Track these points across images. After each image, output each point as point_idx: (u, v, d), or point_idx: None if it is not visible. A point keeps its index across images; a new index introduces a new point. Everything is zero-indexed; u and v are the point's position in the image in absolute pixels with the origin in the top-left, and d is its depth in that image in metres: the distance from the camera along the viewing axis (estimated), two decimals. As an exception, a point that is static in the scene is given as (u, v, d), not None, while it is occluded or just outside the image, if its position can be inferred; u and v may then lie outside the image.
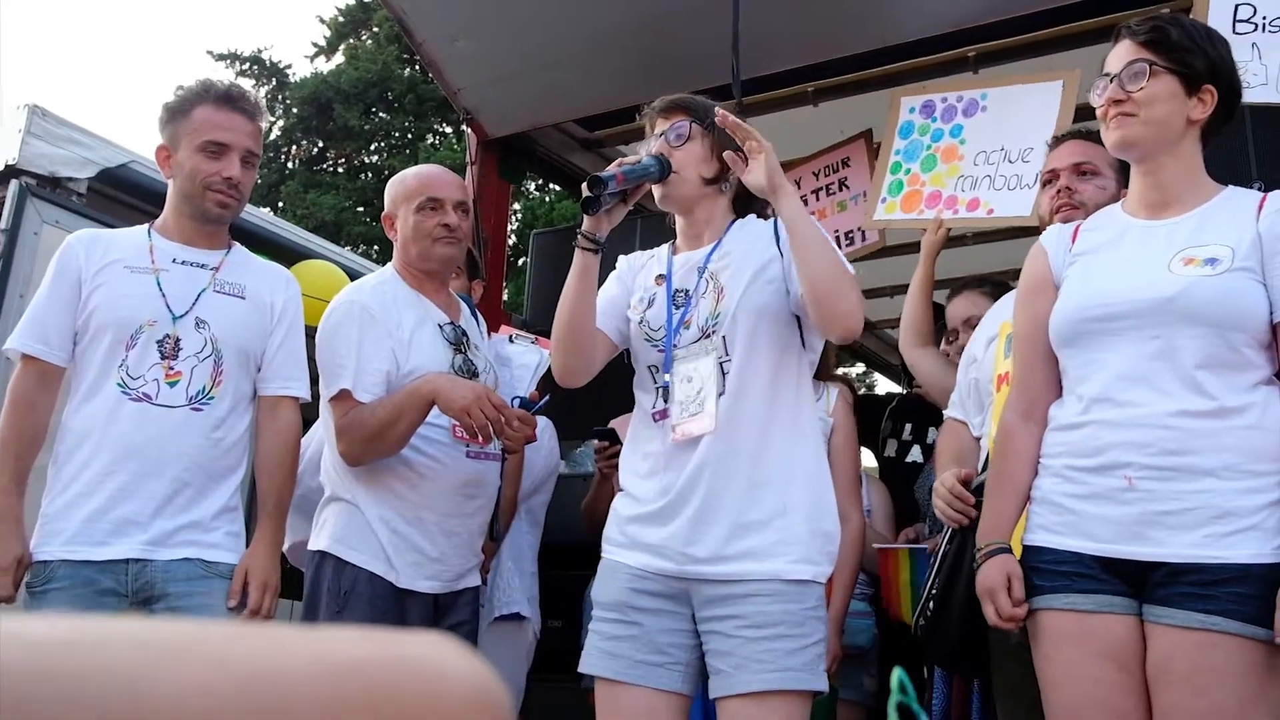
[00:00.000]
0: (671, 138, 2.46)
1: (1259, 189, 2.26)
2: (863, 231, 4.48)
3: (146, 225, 2.81)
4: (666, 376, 2.41)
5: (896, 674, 0.88)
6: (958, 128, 3.85)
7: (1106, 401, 2.08)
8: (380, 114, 21.04)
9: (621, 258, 2.68)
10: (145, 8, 43.55)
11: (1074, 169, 2.74)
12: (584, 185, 2.35)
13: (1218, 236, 2.07)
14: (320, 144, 21.26)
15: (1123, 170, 2.46)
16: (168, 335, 2.65)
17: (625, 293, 2.57)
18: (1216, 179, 2.21)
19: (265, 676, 0.33)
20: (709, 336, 2.39)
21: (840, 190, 4.61)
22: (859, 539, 3.29)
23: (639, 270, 2.61)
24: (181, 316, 2.67)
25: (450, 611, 2.88)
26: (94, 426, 2.61)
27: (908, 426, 4.29)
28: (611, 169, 2.37)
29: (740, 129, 2.27)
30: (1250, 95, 2.77)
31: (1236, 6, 2.81)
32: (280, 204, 18.85)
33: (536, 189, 20.70)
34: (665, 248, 2.60)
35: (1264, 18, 2.76)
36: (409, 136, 21.14)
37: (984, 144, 3.74)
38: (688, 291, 2.46)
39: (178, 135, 2.72)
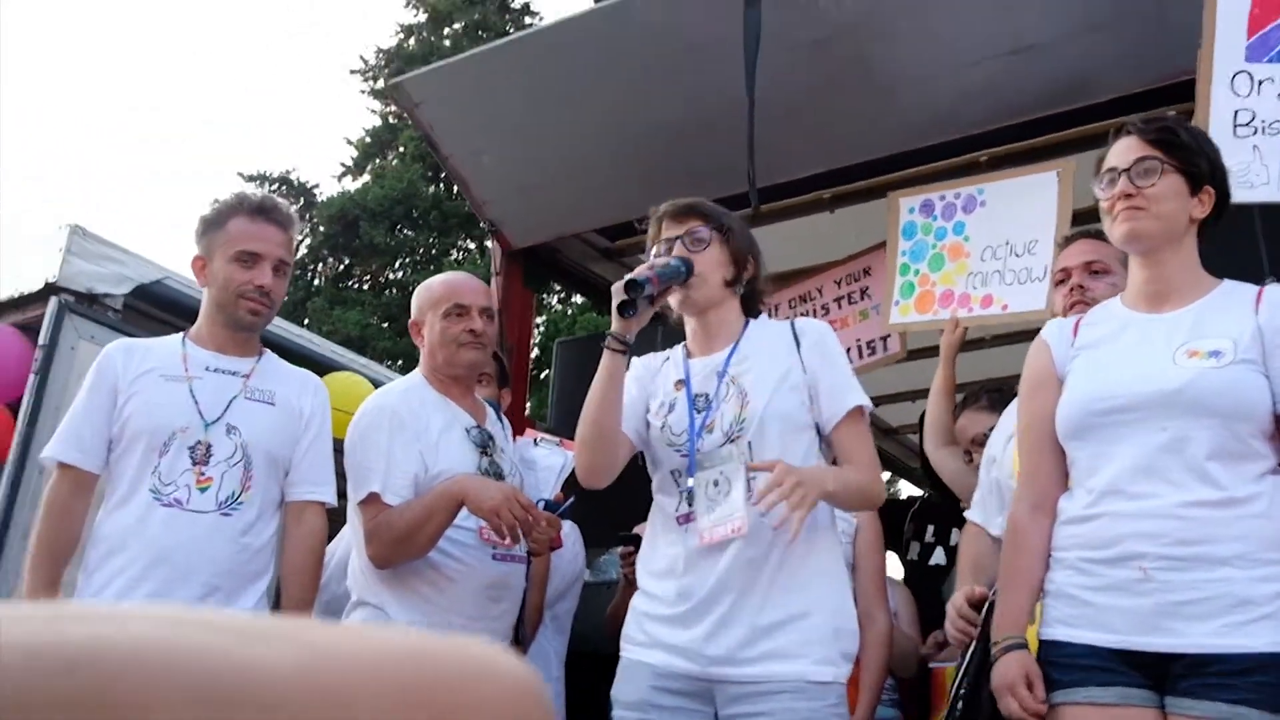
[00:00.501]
0: (690, 242, 2.51)
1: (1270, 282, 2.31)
2: (885, 340, 4.52)
3: (181, 334, 2.89)
4: (690, 481, 2.44)
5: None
6: (960, 224, 3.91)
7: (1118, 493, 2.10)
8: (405, 230, 21.46)
9: (636, 360, 2.70)
10: (180, 131, 44.75)
11: (1085, 267, 2.82)
12: (617, 289, 2.38)
13: (1219, 329, 2.12)
14: (346, 261, 21.66)
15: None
16: (199, 441, 2.70)
17: (644, 395, 2.61)
18: (1231, 278, 2.26)
19: (342, 652, 0.38)
20: (734, 441, 2.42)
21: (862, 299, 4.66)
22: (886, 640, 3.27)
23: (656, 373, 2.64)
24: (213, 423, 2.73)
25: (476, 715, 2.86)
26: (126, 533, 2.66)
27: (930, 529, 4.28)
28: (644, 271, 2.40)
29: (766, 490, 2.26)
30: (1254, 195, 2.84)
31: (1236, 111, 2.89)
32: (306, 320, 19.11)
33: (559, 302, 20.94)
34: (679, 350, 2.64)
35: (1262, 121, 2.84)
36: (433, 252, 21.52)
37: (988, 239, 3.79)
38: (708, 396, 2.49)
39: (213, 246, 2.81)
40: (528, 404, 6.14)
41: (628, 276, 2.37)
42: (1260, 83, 2.90)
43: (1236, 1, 2.94)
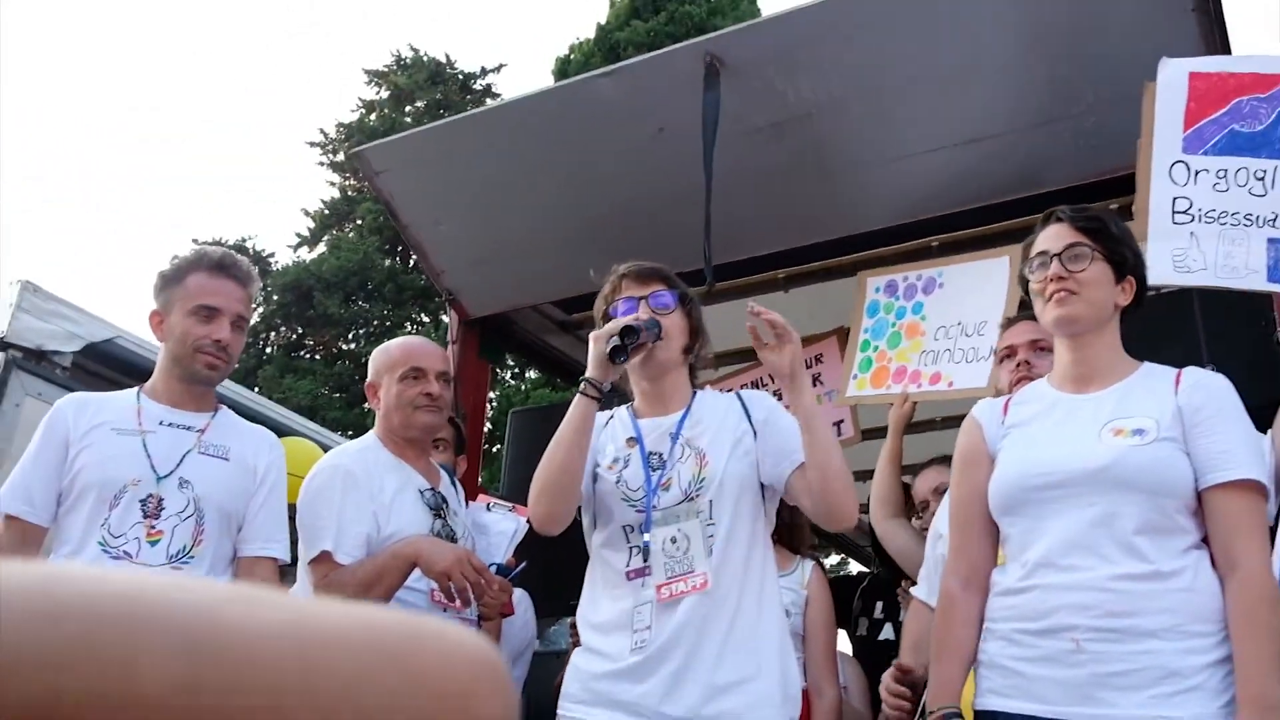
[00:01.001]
0: (657, 305, 2.56)
1: (1212, 370, 2.40)
2: (839, 424, 4.61)
3: (136, 389, 2.88)
4: (646, 536, 2.46)
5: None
6: (919, 304, 4.04)
7: (1050, 566, 2.16)
8: (360, 302, 21.41)
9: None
10: (140, 196, 44.60)
11: (1031, 345, 2.91)
12: (599, 336, 2.43)
13: (1141, 409, 2.20)
14: (300, 330, 21.54)
15: None
16: (151, 494, 2.68)
17: (591, 451, 2.62)
18: (1170, 362, 2.35)
19: (322, 616, 0.41)
20: (693, 500, 2.46)
21: (815, 385, 4.75)
22: (835, 713, 3.29)
23: (601, 429, 2.66)
24: (165, 476, 2.72)
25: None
26: None
27: (879, 605, 4.31)
28: (631, 321, 2.46)
29: (773, 316, 2.40)
30: (1192, 279, 2.94)
31: (1174, 199, 3.00)
32: (257, 388, 18.93)
33: (512, 377, 20.92)
34: (624, 410, 2.68)
35: (1199, 209, 2.95)
36: (388, 324, 21.46)
37: (943, 319, 3.91)
38: (662, 455, 2.53)
39: (171, 300, 2.81)
40: (480, 476, 6.13)
41: (611, 332, 2.41)
42: (1196, 173, 3.02)
43: (1174, 96, 3.07)
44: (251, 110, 45.32)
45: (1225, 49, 3.42)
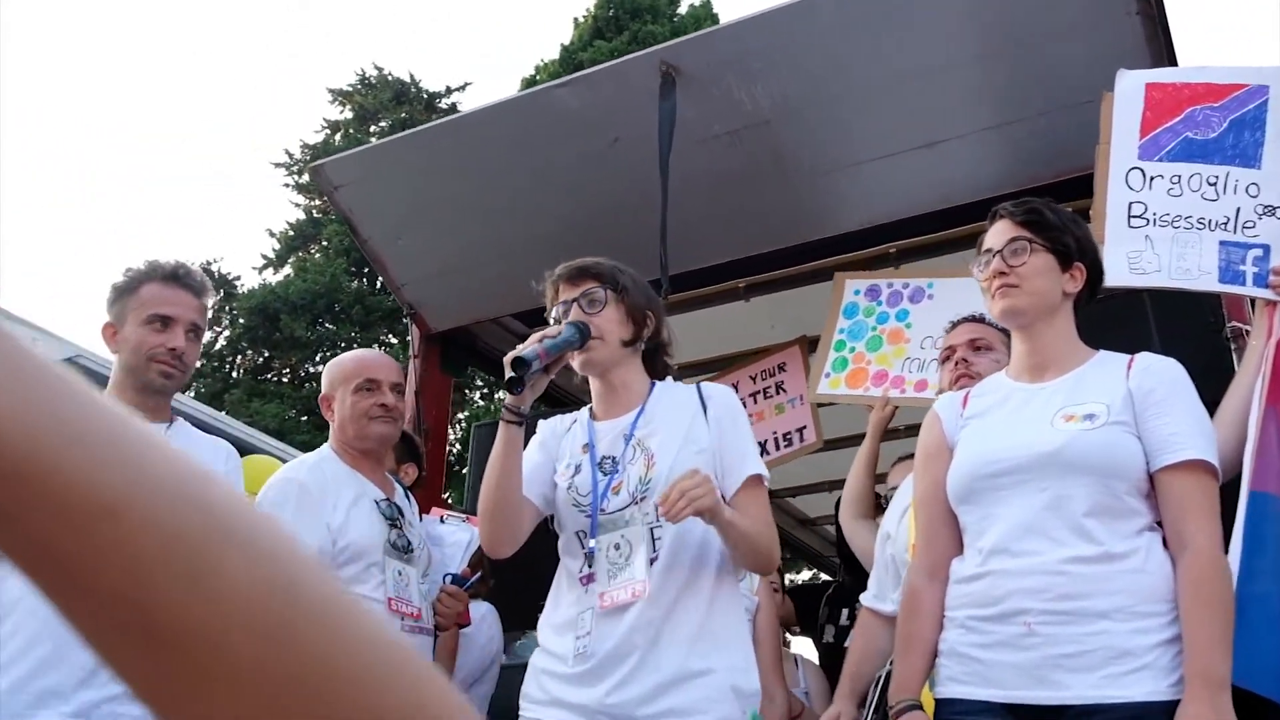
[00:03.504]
0: (586, 305, 2.52)
1: None
2: (800, 430, 4.63)
3: None
4: (592, 542, 2.44)
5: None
6: (904, 312, 4.08)
7: (1003, 552, 2.18)
8: (327, 324, 21.33)
9: (542, 422, 2.71)
10: (99, 215, 44.27)
11: (969, 344, 2.99)
12: (507, 364, 2.34)
13: (1093, 395, 2.23)
14: (266, 354, 21.44)
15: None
16: None
17: (549, 459, 2.60)
18: None
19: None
20: (638, 503, 2.43)
21: (778, 394, 4.79)
22: (785, 718, 3.30)
23: (562, 435, 2.64)
24: None
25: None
26: (19, 597, 2.57)
27: (844, 612, 4.31)
28: (533, 345, 2.36)
29: (666, 495, 2.27)
30: (1147, 280, 2.97)
31: (1130, 203, 3.04)
32: (224, 411, 18.81)
33: (481, 397, 20.88)
34: (585, 413, 2.66)
35: (1154, 213, 2.99)
36: (355, 346, 21.35)
37: (930, 329, 3.93)
38: (615, 459, 2.50)
39: (124, 312, 2.78)
40: (448, 495, 6.10)
41: (514, 353, 2.34)
42: (1151, 179, 3.06)
43: (1130, 105, 3.11)
44: (215, 131, 45.15)
45: (1170, 51, 3.47)
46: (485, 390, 20.50)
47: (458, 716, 0.44)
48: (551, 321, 2.59)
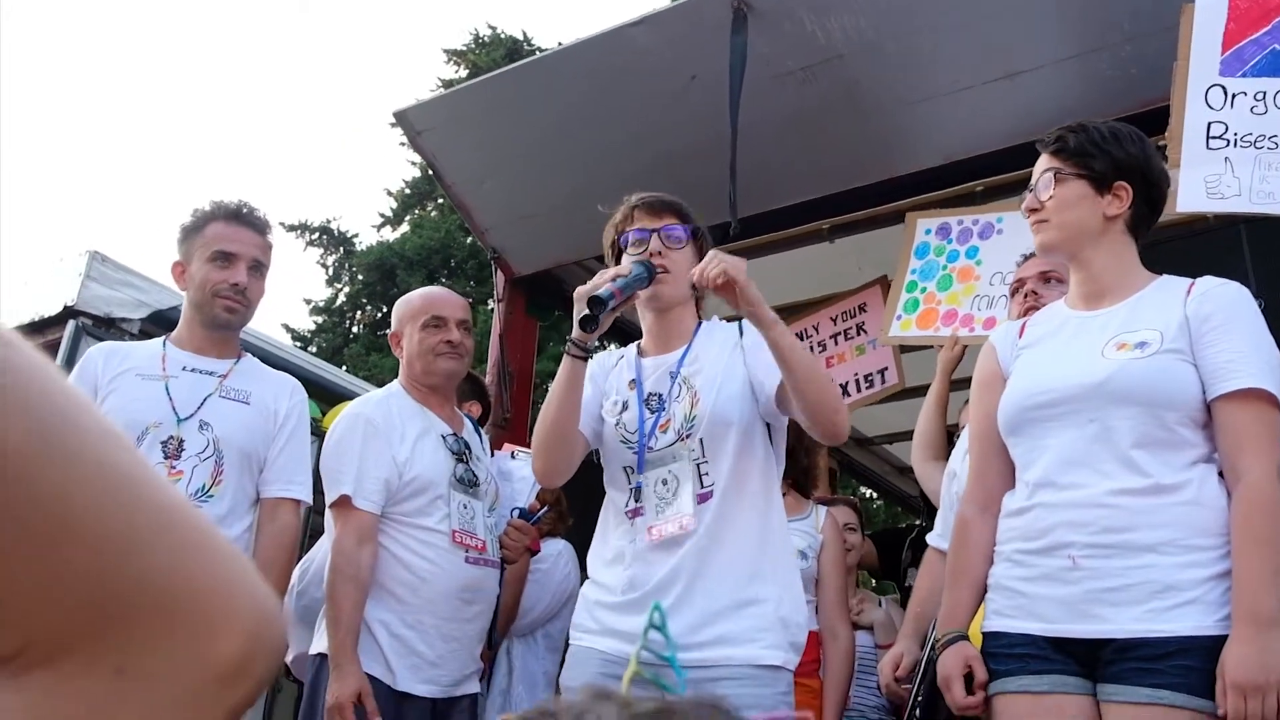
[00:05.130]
0: (667, 239, 2.54)
1: (1261, 307, 2.30)
2: (882, 372, 4.57)
3: (163, 337, 2.97)
4: (640, 478, 2.47)
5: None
6: (973, 249, 3.97)
7: (1049, 485, 2.13)
8: (442, 279, 21.65)
9: (591, 359, 2.74)
10: (222, 176, 45.61)
11: (1039, 276, 2.90)
12: (580, 304, 2.37)
13: (1148, 322, 2.14)
14: (384, 309, 21.89)
15: None
16: (172, 436, 2.77)
17: (598, 394, 2.64)
18: None
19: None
20: (685, 440, 2.46)
21: (858, 335, 4.74)
22: (848, 655, 3.30)
23: (610, 371, 2.68)
24: (186, 419, 2.80)
25: (447, 718, 2.89)
26: None
27: (927, 555, 4.27)
28: (607, 285, 2.39)
29: (703, 270, 2.32)
30: (1225, 205, 2.85)
31: (1209, 124, 2.91)
32: (344, 366, 19.33)
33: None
34: (632, 349, 2.68)
35: (1235, 134, 2.86)
36: (470, 300, 21.68)
37: (1000, 265, 3.83)
38: (661, 395, 2.53)
39: (191, 250, 2.90)
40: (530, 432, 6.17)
41: (587, 291, 2.37)
42: (1234, 96, 2.92)
43: (1212, 17, 2.97)
44: (333, 92, 46.09)
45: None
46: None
47: (239, 598, 0.46)
48: (608, 245, 2.62)
